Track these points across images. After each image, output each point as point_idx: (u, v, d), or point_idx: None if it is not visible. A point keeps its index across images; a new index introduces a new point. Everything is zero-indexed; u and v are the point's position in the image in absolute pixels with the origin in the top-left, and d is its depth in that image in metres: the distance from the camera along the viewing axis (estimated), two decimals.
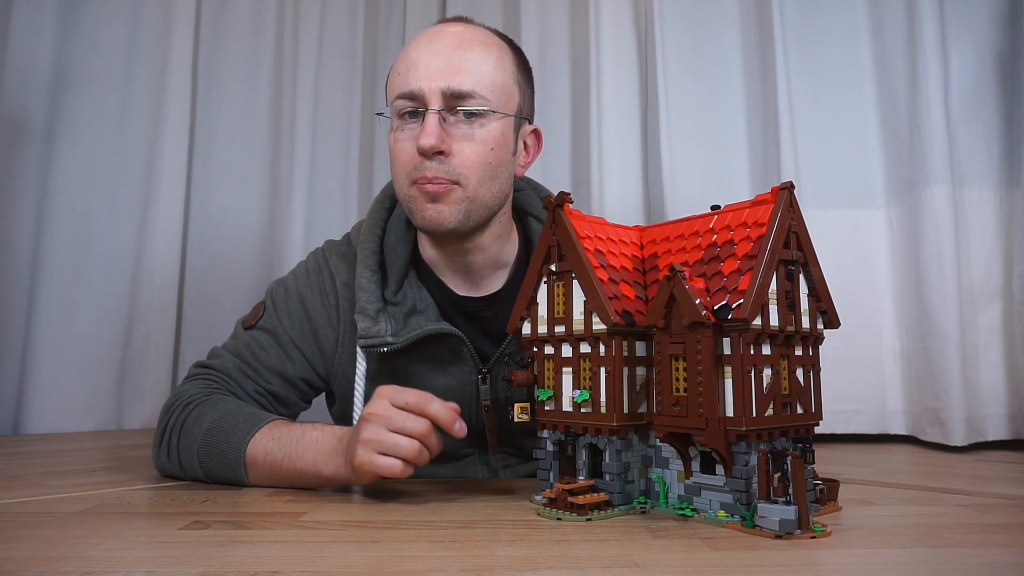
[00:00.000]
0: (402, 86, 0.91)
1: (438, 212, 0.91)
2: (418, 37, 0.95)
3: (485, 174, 0.92)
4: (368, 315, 0.95)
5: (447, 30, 0.94)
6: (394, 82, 0.94)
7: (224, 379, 0.98)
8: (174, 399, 0.95)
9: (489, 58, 0.92)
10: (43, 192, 1.86)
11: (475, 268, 1.00)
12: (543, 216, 1.04)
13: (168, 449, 0.92)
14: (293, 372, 1.00)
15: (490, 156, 0.92)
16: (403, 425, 0.76)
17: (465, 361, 0.97)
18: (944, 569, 0.54)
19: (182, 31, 2.04)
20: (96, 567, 0.54)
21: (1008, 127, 1.58)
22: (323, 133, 2.12)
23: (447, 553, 0.58)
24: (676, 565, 0.54)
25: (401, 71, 0.92)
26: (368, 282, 0.97)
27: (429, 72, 0.89)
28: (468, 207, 0.91)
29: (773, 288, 0.68)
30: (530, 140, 1.02)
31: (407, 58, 0.92)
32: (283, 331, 1.01)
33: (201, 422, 0.89)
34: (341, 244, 1.07)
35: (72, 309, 1.86)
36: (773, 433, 0.68)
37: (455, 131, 0.90)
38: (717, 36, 1.79)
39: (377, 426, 0.76)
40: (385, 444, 0.75)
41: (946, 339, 1.47)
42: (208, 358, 1.03)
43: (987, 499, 0.85)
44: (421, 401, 0.77)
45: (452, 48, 0.91)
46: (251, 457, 0.86)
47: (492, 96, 0.91)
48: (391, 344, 0.94)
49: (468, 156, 0.90)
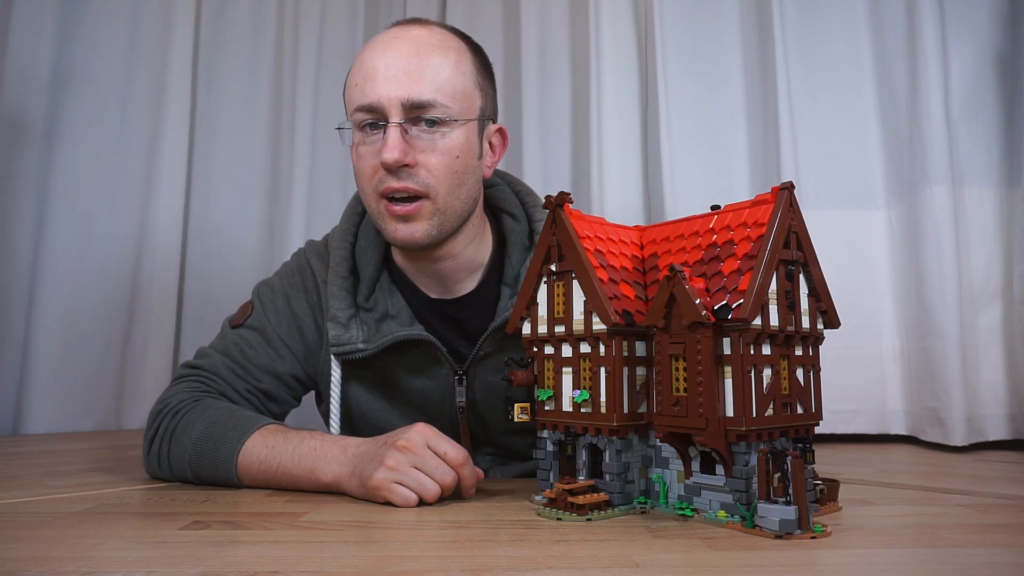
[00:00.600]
0: (360, 98, 0.88)
1: (410, 231, 0.90)
2: (372, 44, 0.91)
3: (452, 182, 0.90)
4: (339, 322, 0.95)
5: (402, 35, 0.90)
6: (351, 93, 0.91)
7: (213, 379, 0.97)
8: (161, 405, 0.94)
9: (448, 63, 0.89)
10: (43, 192, 1.86)
11: (448, 273, 0.99)
12: (516, 212, 1.04)
13: (159, 458, 0.92)
14: (283, 369, 1.00)
15: (456, 164, 0.90)
16: (432, 471, 0.76)
17: (441, 364, 0.97)
18: (944, 569, 0.54)
19: (182, 31, 2.04)
20: (96, 567, 0.54)
21: (1008, 127, 1.58)
22: (323, 133, 2.12)
23: (447, 553, 0.58)
24: (676, 565, 0.54)
25: (359, 82, 0.89)
26: (339, 289, 0.97)
27: (387, 83, 0.87)
28: (440, 220, 0.91)
29: (773, 288, 0.68)
30: (495, 140, 1.00)
31: (363, 68, 0.89)
32: (271, 329, 1.01)
33: (190, 431, 0.88)
34: (320, 245, 1.07)
35: (72, 309, 1.86)
36: (773, 433, 0.68)
37: (418, 142, 0.88)
38: (717, 36, 1.79)
39: (407, 459, 0.76)
40: (409, 479, 0.75)
41: (946, 339, 1.47)
42: (195, 358, 1.02)
43: (987, 499, 0.85)
44: (459, 458, 0.77)
45: (409, 55, 0.88)
46: (244, 466, 0.85)
47: (454, 103, 0.89)
48: (362, 351, 0.95)
49: (434, 166, 0.88)
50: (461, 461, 0.78)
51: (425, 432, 0.78)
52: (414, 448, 0.76)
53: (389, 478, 0.75)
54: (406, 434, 0.78)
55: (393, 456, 0.76)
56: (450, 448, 0.78)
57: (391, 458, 0.76)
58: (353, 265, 1.00)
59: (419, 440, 0.77)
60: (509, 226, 1.03)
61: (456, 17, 2.06)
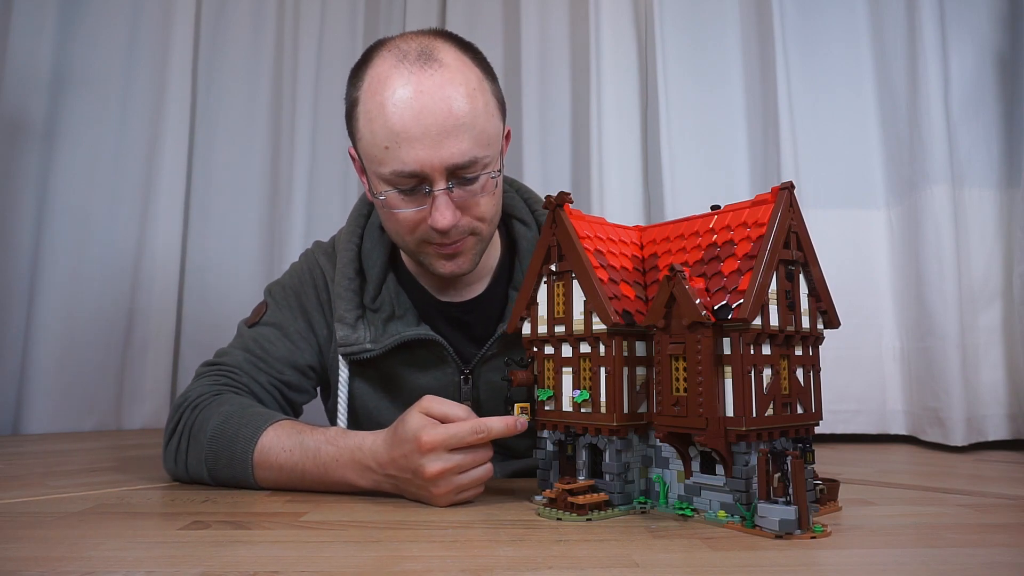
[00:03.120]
0: (396, 164, 0.83)
1: (457, 266, 0.92)
2: (392, 97, 0.83)
3: (492, 213, 0.92)
4: (347, 323, 0.96)
5: (426, 87, 0.82)
6: (380, 154, 0.84)
7: (236, 372, 0.97)
8: (182, 399, 0.94)
9: (479, 110, 0.85)
10: (43, 192, 1.86)
11: (459, 277, 0.99)
12: (526, 217, 1.05)
13: (176, 454, 0.91)
14: (303, 361, 1.01)
15: (494, 200, 0.92)
16: (472, 462, 0.76)
17: (447, 363, 0.98)
18: (944, 569, 0.54)
19: (182, 31, 2.04)
20: (96, 567, 0.54)
21: (1008, 127, 1.58)
22: (323, 133, 2.12)
23: (447, 553, 0.58)
24: (676, 565, 0.54)
25: (390, 145, 0.83)
26: (346, 290, 0.98)
27: (426, 149, 0.82)
28: (482, 247, 0.94)
29: (773, 288, 0.68)
30: (504, 143, 0.99)
31: (391, 131, 0.82)
32: (288, 323, 1.02)
33: (206, 427, 0.88)
34: (327, 246, 1.08)
35: (72, 309, 1.86)
36: (773, 433, 0.68)
37: (465, 199, 0.87)
38: (717, 36, 1.79)
39: (449, 479, 0.75)
40: (465, 486, 0.76)
41: (946, 339, 1.47)
42: (215, 357, 1.02)
43: (987, 499, 0.85)
44: (479, 433, 0.75)
45: (443, 114, 0.82)
46: (261, 466, 0.85)
47: (490, 151, 0.87)
48: (370, 351, 0.95)
49: (480, 212, 0.89)
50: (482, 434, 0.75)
51: (438, 442, 0.74)
52: (445, 467, 0.74)
53: (451, 498, 0.75)
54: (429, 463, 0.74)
55: (438, 484, 0.74)
56: (466, 433, 0.74)
57: (438, 486, 0.74)
58: (360, 266, 1.01)
59: (439, 463, 0.74)
60: (519, 232, 1.04)
61: (456, 17, 2.06)
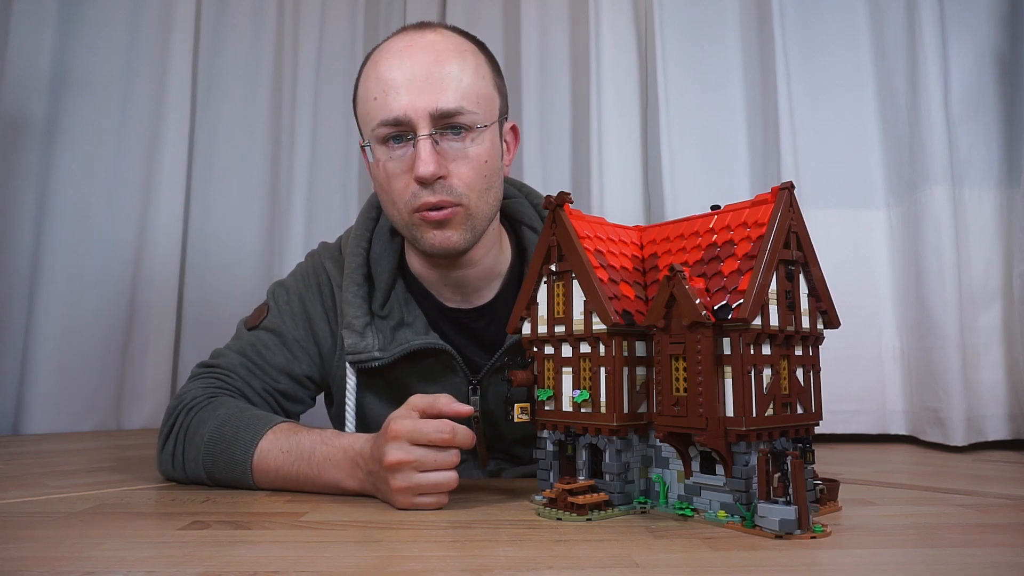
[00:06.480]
0: (383, 112, 0.86)
1: (446, 238, 0.89)
2: (385, 53, 0.88)
3: (483, 187, 0.90)
4: (355, 330, 0.94)
5: (416, 43, 0.88)
6: (370, 108, 0.88)
7: (230, 376, 0.97)
8: (177, 402, 0.94)
9: (468, 68, 0.88)
10: (43, 192, 1.86)
11: (468, 281, 0.99)
12: (537, 225, 1.04)
13: (172, 456, 0.91)
14: (299, 371, 1.00)
15: (485, 169, 0.90)
16: (434, 463, 0.73)
17: (456, 372, 0.97)
18: (944, 569, 0.54)
19: (182, 31, 2.04)
20: (96, 567, 0.54)
21: (1008, 127, 1.58)
22: (323, 133, 2.12)
23: (447, 553, 0.58)
24: (676, 565, 0.54)
25: (377, 95, 0.86)
26: (354, 296, 0.96)
27: (411, 93, 0.84)
28: (472, 224, 0.91)
29: (773, 288, 0.68)
30: (509, 137, 1.00)
31: (380, 80, 0.86)
32: (288, 331, 1.00)
33: (203, 431, 0.88)
34: (334, 249, 1.06)
35: (72, 309, 1.86)
36: (773, 433, 0.68)
37: (449, 151, 0.87)
38: (717, 36, 1.79)
39: (407, 473, 0.73)
40: (424, 487, 0.73)
41: (946, 339, 1.47)
42: (211, 358, 1.01)
43: (987, 499, 0.85)
44: (441, 432, 0.73)
45: (430, 63, 0.86)
46: (260, 469, 0.85)
47: (478, 108, 0.88)
48: (378, 359, 0.94)
49: (466, 175, 0.88)
50: (449, 437, 0.73)
51: (402, 434, 0.73)
52: (405, 458, 0.72)
53: (408, 497, 0.73)
54: (390, 451, 0.73)
55: (396, 478, 0.73)
56: (432, 432, 0.73)
57: (396, 480, 0.73)
58: (368, 272, 0.99)
59: (402, 451, 0.73)
60: (529, 238, 1.03)
61: (456, 17, 2.06)
